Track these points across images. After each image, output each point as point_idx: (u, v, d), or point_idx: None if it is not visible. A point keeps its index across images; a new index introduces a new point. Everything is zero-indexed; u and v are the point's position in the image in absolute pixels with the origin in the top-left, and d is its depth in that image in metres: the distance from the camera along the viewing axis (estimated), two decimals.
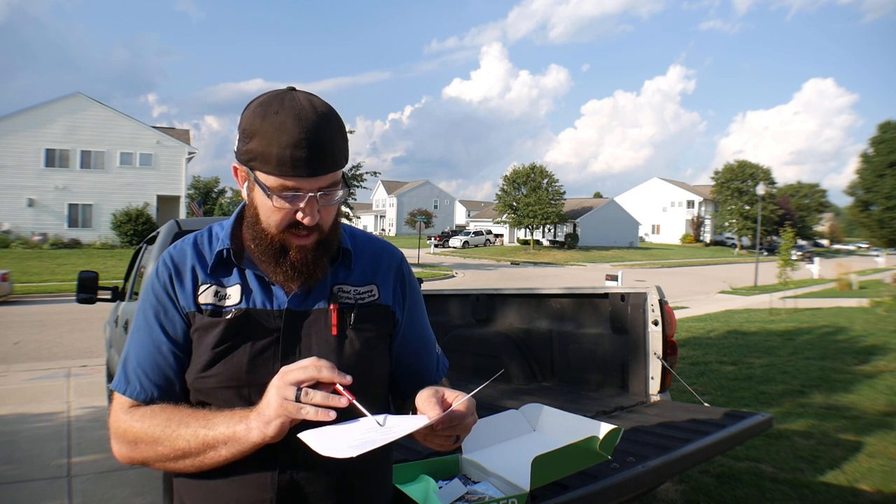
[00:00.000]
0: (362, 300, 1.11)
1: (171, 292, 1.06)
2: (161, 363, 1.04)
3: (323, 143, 0.95)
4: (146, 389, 1.03)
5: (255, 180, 0.98)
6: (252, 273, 1.07)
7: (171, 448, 0.97)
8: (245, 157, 0.98)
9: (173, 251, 1.11)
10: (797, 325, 10.53)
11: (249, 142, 0.96)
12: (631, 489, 1.91)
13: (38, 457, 4.05)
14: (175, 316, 1.05)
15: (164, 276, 1.07)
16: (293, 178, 0.95)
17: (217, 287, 1.06)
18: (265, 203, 0.99)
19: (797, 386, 6.11)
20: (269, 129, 0.94)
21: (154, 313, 1.06)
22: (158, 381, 1.04)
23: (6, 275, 13.34)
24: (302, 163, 0.94)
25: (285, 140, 0.93)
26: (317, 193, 0.98)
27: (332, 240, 1.06)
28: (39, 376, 6.54)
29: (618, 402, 2.94)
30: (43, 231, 27.59)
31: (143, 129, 30.28)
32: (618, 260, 37.19)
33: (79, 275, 4.36)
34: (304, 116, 0.95)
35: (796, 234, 16.64)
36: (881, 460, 4.01)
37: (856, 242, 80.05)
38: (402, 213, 67.37)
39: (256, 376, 1.01)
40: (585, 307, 3.51)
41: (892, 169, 37.86)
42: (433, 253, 40.42)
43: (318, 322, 1.06)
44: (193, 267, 1.07)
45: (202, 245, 1.10)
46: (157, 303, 1.06)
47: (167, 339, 1.05)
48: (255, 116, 0.96)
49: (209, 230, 1.13)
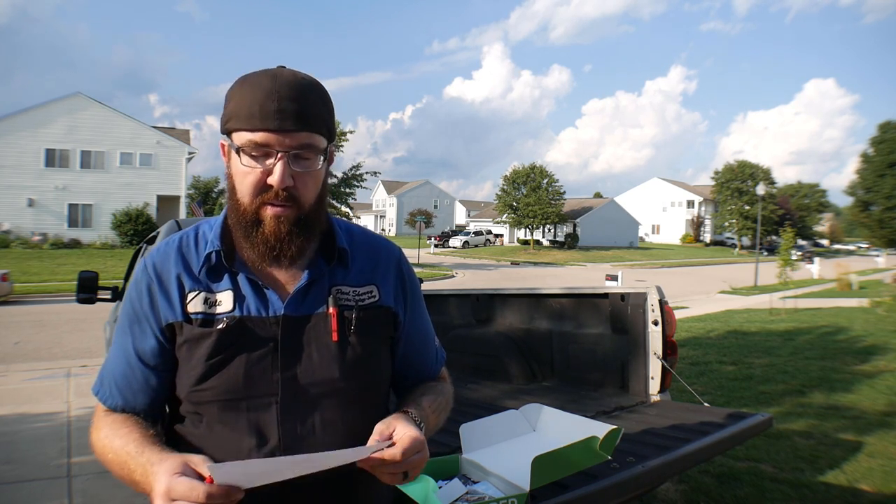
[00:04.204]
0: (363, 302, 1.06)
1: (147, 305, 1.01)
2: (128, 374, 1.02)
3: (297, 99, 0.93)
4: (113, 397, 1.03)
5: (231, 145, 0.96)
6: (245, 277, 1.01)
7: (112, 470, 0.98)
8: (223, 124, 0.97)
9: (156, 256, 1.04)
10: (797, 325, 10.53)
11: (227, 105, 0.96)
12: (631, 489, 1.91)
13: (38, 457, 4.05)
14: (147, 328, 1.01)
15: (142, 285, 1.02)
16: (262, 132, 0.92)
17: (206, 293, 1.00)
18: (238, 168, 0.96)
19: (797, 386, 6.11)
20: (245, 89, 0.94)
21: (129, 323, 1.03)
22: (124, 392, 1.02)
23: (6, 275, 13.33)
24: (271, 115, 0.91)
25: (258, 94, 0.92)
26: (289, 154, 0.93)
27: (313, 219, 1.00)
28: (39, 376, 6.53)
29: (618, 402, 2.94)
30: (43, 231, 27.58)
31: (143, 129, 30.27)
32: (618, 260, 37.18)
33: (79, 275, 4.36)
34: (280, 75, 0.95)
35: (796, 234, 16.64)
36: (881, 460, 4.01)
37: (856, 242, 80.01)
38: (402, 213, 67.34)
39: (255, 389, 0.97)
40: (585, 307, 3.50)
41: (893, 169, 37.83)
42: (433, 253, 40.40)
43: (318, 327, 1.01)
44: (178, 275, 1.01)
45: (187, 248, 1.04)
46: (132, 311, 1.03)
47: (134, 351, 1.01)
48: (235, 84, 0.97)
49: (195, 230, 1.07)
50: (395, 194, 73.75)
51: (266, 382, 0.97)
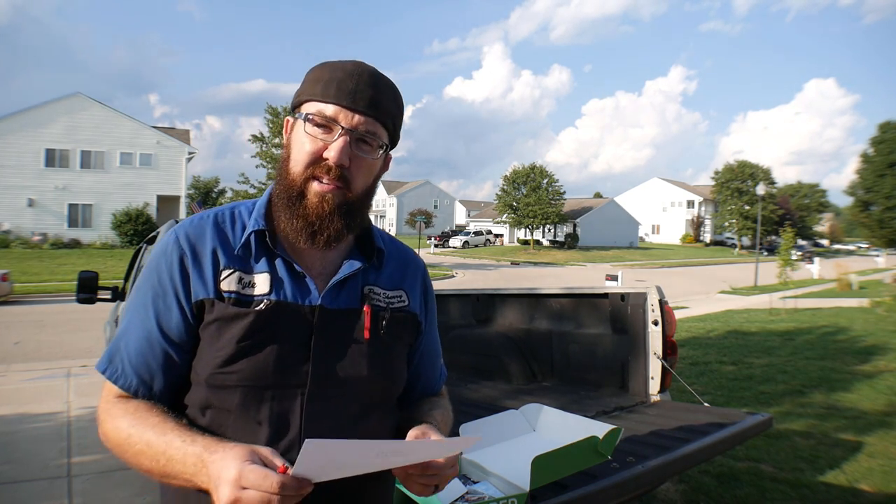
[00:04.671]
0: (393, 304, 1.06)
1: (178, 278, 0.96)
2: (146, 352, 0.95)
3: (374, 87, 0.97)
4: (126, 376, 0.95)
5: (298, 115, 0.98)
6: (283, 262, 0.98)
7: (136, 462, 0.90)
8: (296, 98, 1.00)
9: (189, 228, 0.99)
10: (797, 325, 10.53)
11: (304, 82, 0.99)
12: (631, 489, 1.91)
13: (38, 457, 4.05)
14: (173, 306, 0.95)
15: (173, 257, 0.97)
16: (334, 104, 0.94)
17: (241, 273, 0.97)
18: (299, 136, 0.97)
19: (797, 386, 6.11)
20: (327, 68, 0.98)
21: (152, 296, 0.96)
22: (141, 372, 0.95)
23: (6, 275, 13.33)
24: (347, 92, 0.94)
25: (338, 73, 0.96)
26: (352, 134, 0.95)
27: (357, 208, 0.99)
28: (39, 376, 6.53)
29: (618, 402, 2.94)
30: (43, 231, 27.58)
31: (143, 129, 30.26)
32: (618, 260, 37.18)
33: (79, 275, 4.36)
34: (364, 65, 0.99)
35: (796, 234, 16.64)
36: (881, 460, 4.01)
37: (856, 242, 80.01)
38: (402, 213, 67.35)
39: (283, 377, 0.94)
40: (585, 307, 3.50)
41: (893, 169, 37.82)
42: (433, 253, 40.41)
43: (351, 324, 1.00)
44: (214, 250, 0.97)
45: (224, 224, 1.00)
46: (158, 285, 0.96)
47: (159, 331, 0.95)
48: (317, 65, 1.00)
49: (231, 209, 1.04)
50: (395, 194, 73.75)
51: (295, 372, 0.95)
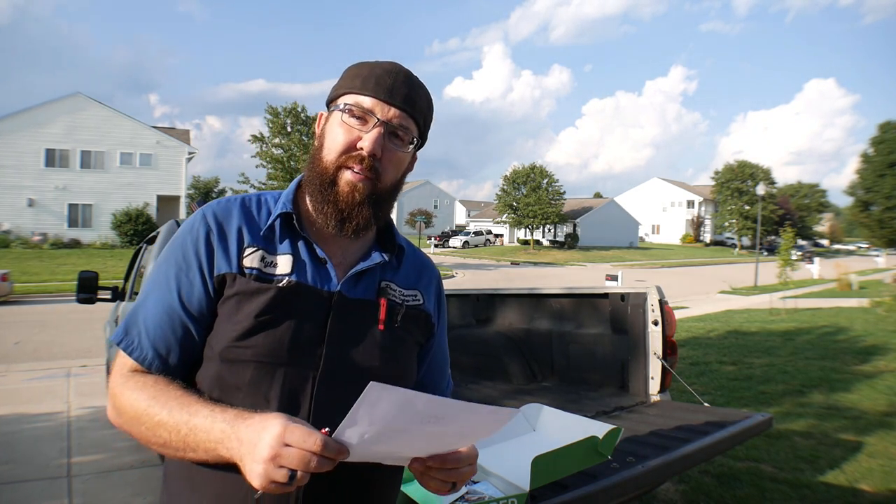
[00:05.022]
0: (408, 302, 1.09)
1: (203, 252, 0.98)
2: (166, 327, 0.96)
3: (409, 85, 1.02)
4: (143, 348, 0.96)
5: (335, 107, 1.01)
6: (305, 247, 1.02)
7: (152, 434, 0.89)
8: (333, 92, 1.04)
9: (216, 207, 1.03)
10: (797, 325, 10.53)
11: (342, 78, 1.04)
12: (631, 489, 1.91)
13: (38, 457, 4.05)
14: (196, 279, 0.97)
15: (199, 233, 1.00)
16: (371, 97, 0.99)
17: (264, 252, 1.00)
18: (333, 129, 1.01)
19: (797, 386, 6.11)
20: (366, 66, 1.03)
21: (175, 271, 0.98)
22: (158, 345, 0.96)
23: (6, 275, 13.34)
24: (385, 86, 0.99)
25: (377, 70, 1.01)
26: (386, 126, 0.99)
27: (384, 201, 1.03)
28: (39, 376, 6.53)
29: (618, 402, 2.94)
30: (43, 231, 27.58)
31: (143, 129, 30.26)
32: (618, 260, 37.18)
33: (79, 275, 4.36)
34: (402, 66, 1.04)
35: (796, 234, 16.63)
36: (881, 460, 4.01)
37: (856, 242, 80.00)
38: (402, 213, 67.31)
39: (297, 357, 0.95)
40: (585, 307, 3.50)
41: (893, 169, 37.82)
42: (433, 253, 40.40)
43: (366, 314, 1.03)
44: (240, 228, 1.01)
45: (250, 206, 1.05)
46: (182, 260, 0.98)
47: (180, 304, 0.97)
48: (354, 63, 1.05)
49: (258, 196, 1.08)
50: None
51: (309, 354, 0.96)
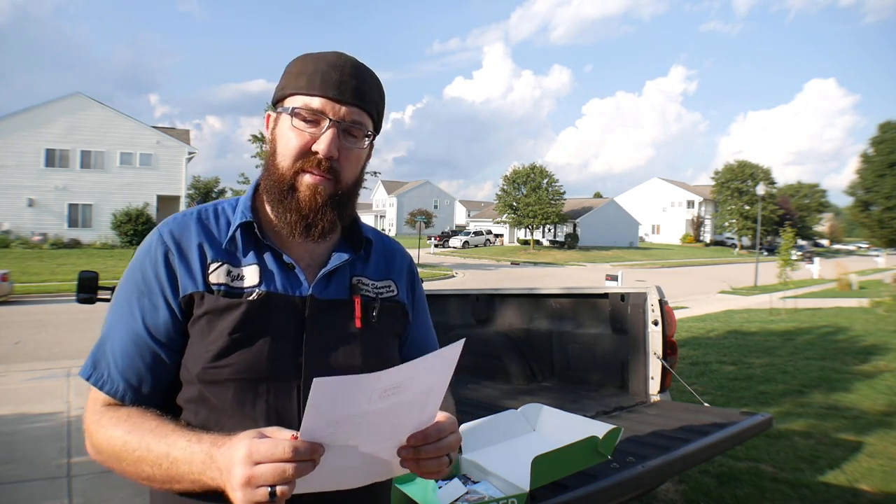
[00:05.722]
0: (382, 294, 1.07)
1: (164, 275, 0.94)
2: (134, 357, 0.92)
3: (358, 77, 0.98)
4: (113, 381, 0.92)
5: (282, 109, 0.97)
6: (271, 254, 0.98)
7: (135, 469, 0.86)
8: (278, 92, 0.99)
9: (172, 225, 0.98)
10: (797, 325, 10.53)
11: (285, 75, 0.99)
12: (631, 489, 1.91)
13: (38, 457, 4.05)
14: (160, 304, 0.93)
15: (157, 253, 0.95)
16: (320, 97, 0.94)
17: (230, 266, 0.96)
18: (285, 131, 0.96)
19: (797, 386, 6.11)
20: (309, 60, 0.98)
21: (137, 297, 0.94)
22: (128, 376, 0.92)
23: (6, 275, 13.33)
24: (333, 83, 0.95)
25: (322, 65, 0.96)
26: (339, 125, 0.95)
27: (347, 199, 1.00)
28: (39, 376, 6.53)
29: (618, 402, 2.94)
30: (43, 231, 27.57)
31: (143, 129, 30.26)
32: (618, 260, 37.17)
33: (79, 275, 4.35)
34: (345, 55, 0.99)
35: (796, 234, 16.64)
36: (881, 460, 4.01)
37: (856, 242, 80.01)
38: (402, 213, 67.34)
39: (277, 370, 0.93)
40: (585, 307, 3.50)
41: (893, 169, 37.84)
42: (433, 253, 40.39)
43: (342, 313, 1.00)
44: (200, 244, 0.96)
45: (207, 220, 1.00)
46: (142, 284, 0.94)
47: (146, 331, 0.93)
48: (297, 57, 1.00)
49: (213, 206, 1.03)
50: (395, 194, 73.76)
51: (290, 365, 0.94)
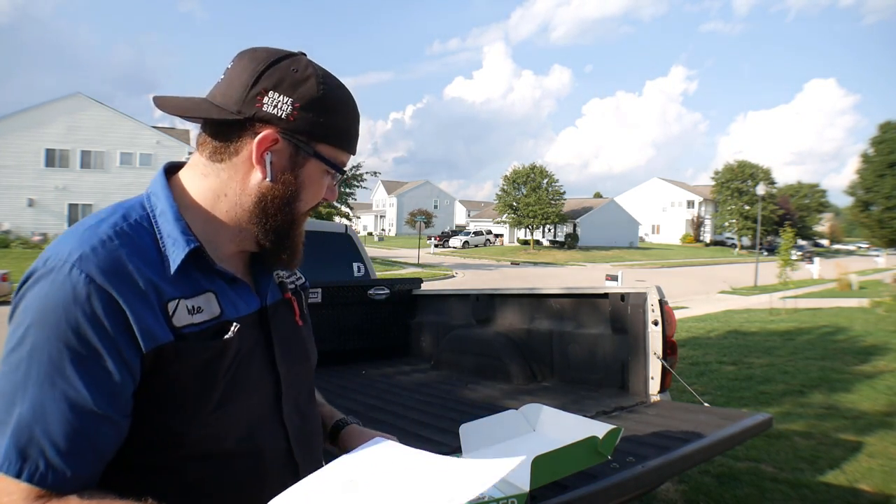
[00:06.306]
0: (298, 283, 1.07)
1: (112, 327, 0.74)
2: (79, 433, 0.72)
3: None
4: (56, 469, 0.71)
5: (316, 154, 0.87)
6: (217, 276, 0.86)
7: None
8: (313, 129, 0.86)
9: (95, 260, 0.75)
10: (797, 325, 10.53)
11: (326, 114, 0.86)
12: (631, 489, 1.91)
13: None
14: (111, 365, 0.74)
15: (94, 303, 0.73)
16: (348, 154, 0.92)
17: (184, 300, 0.81)
18: (315, 180, 0.89)
19: (797, 386, 6.11)
20: (341, 104, 0.89)
21: (71, 361, 0.72)
22: (76, 461, 0.73)
23: (6, 275, 13.33)
24: (355, 140, 0.93)
25: (354, 116, 0.91)
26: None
27: None
28: None
29: (618, 402, 2.94)
30: (43, 231, 27.57)
31: (143, 129, 30.28)
32: (618, 260, 37.17)
33: None
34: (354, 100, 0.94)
35: (796, 234, 16.64)
36: (881, 460, 4.01)
37: (856, 242, 79.99)
38: (402, 213, 67.32)
39: (264, 392, 0.90)
40: (585, 307, 3.50)
41: (893, 169, 37.81)
42: (433, 253, 40.37)
43: (285, 315, 0.97)
44: (147, 279, 0.78)
45: (134, 245, 0.79)
46: (77, 344, 0.72)
47: (92, 398, 0.73)
48: (321, 87, 0.86)
49: (127, 224, 0.81)
50: (395, 194, 73.75)
51: (268, 385, 0.90)
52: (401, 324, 4.48)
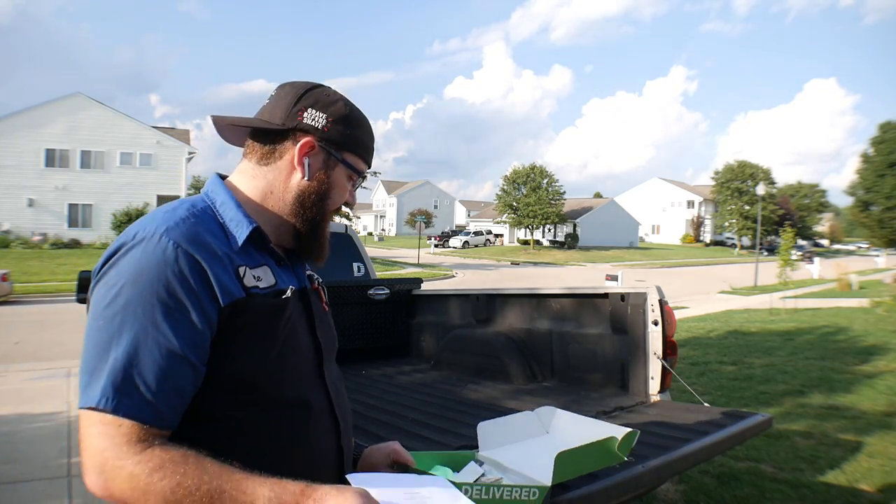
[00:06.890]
0: (318, 278, 1.21)
1: (197, 285, 0.88)
2: (171, 377, 0.85)
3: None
4: (155, 408, 0.83)
5: (344, 162, 1.08)
6: (269, 255, 1.04)
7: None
8: (342, 139, 1.07)
9: (182, 231, 0.91)
10: (797, 325, 10.53)
11: (351, 128, 1.08)
12: (631, 489, 1.91)
13: (38, 457, 4.05)
14: (195, 317, 0.87)
15: (183, 264, 0.87)
16: (367, 165, 1.13)
17: (249, 269, 0.98)
18: (341, 184, 1.09)
19: (797, 386, 6.11)
20: (363, 123, 1.11)
21: (163, 312, 0.85)
22: (169, 400, 0.85)
23: (6, 275, 13.33)
24: (372, 154, 1.15)
25: (370, 133, 1.13)
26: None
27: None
28: (39, 376, 6.53)
29: (618, 402, 2.94)
30: (43, 231, 27.57)
31: (143, 129, 30.26)
32: (618, 260, 37.17)
33: (79, 275, 4.35)
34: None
35: (796, 235, 16.64)
36: (881, 460, 4.01)
37: (856, 242, 79.98)
38: (402, 213, 67.32)
39: (310, 358, 1.05)
40: (585, 307, 3.50)
41: (893, 169, 37.80)
42: (433, 253, 40.36)
43: (317, 300, 1.14)
44: (221, 248, 0.95)
45: (208, 224, 0.97)
46: (167, 298, 0.86)
47: (180, 344, 0.86)
48: (348, 108, 1.08)
49: (196, 208, 0.99)
50: (395, 194, 73.73)
51: (311, 350, 1.06)
52: (401, 324, 4.48)
